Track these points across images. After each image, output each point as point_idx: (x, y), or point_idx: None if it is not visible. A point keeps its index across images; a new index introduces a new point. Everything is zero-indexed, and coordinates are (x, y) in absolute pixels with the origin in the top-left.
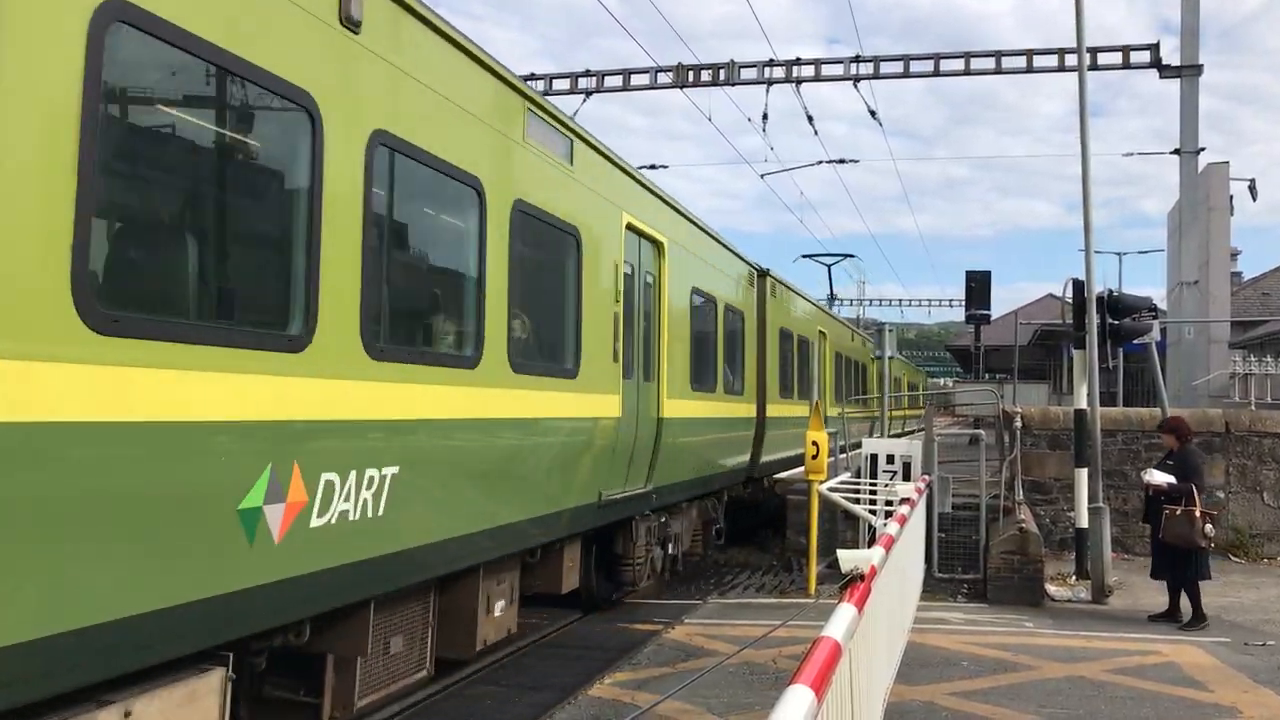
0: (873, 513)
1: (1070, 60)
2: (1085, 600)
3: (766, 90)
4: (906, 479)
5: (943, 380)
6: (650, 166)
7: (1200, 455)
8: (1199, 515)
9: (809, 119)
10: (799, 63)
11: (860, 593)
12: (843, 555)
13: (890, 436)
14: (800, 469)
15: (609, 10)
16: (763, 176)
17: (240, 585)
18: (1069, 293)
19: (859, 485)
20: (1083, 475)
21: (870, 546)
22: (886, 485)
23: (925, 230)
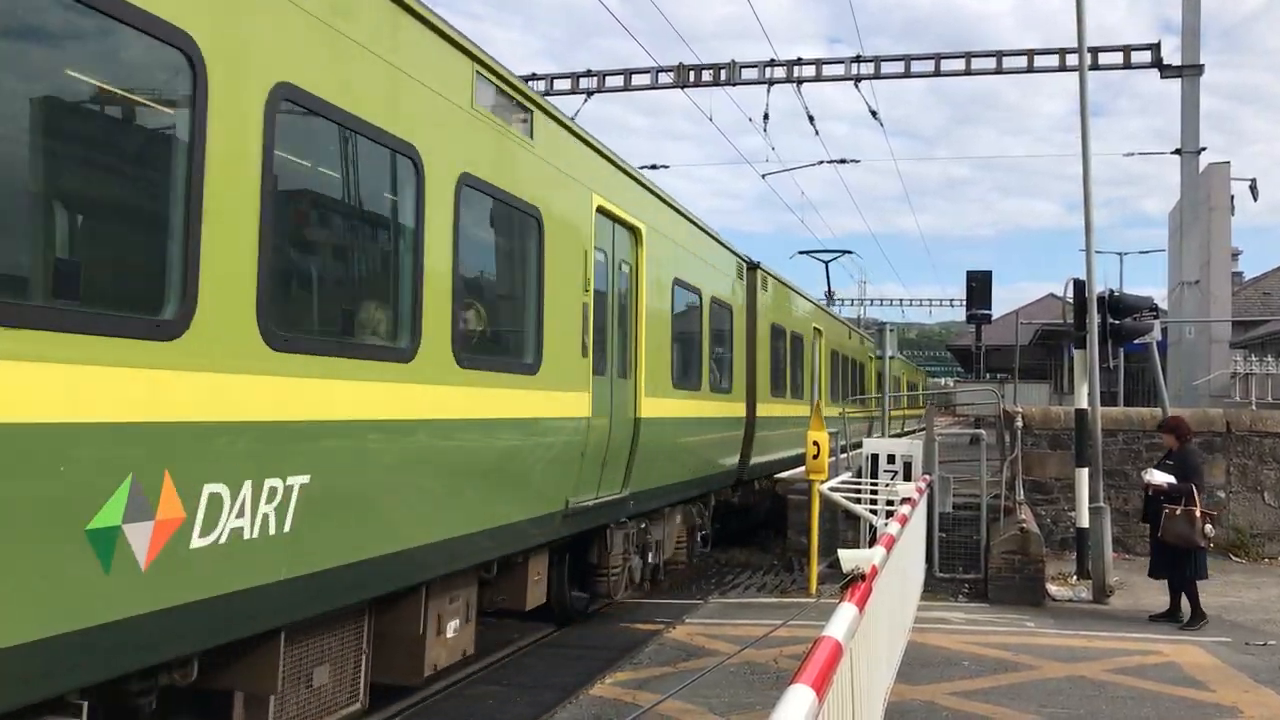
0: (873, 512)
1: (1071, 60)
2: (1086, 600)
3: (767, 90)
4: (907, 479)
5: (943, 380)
6: (651, 166)
7: (1200, 455)
8: (1199, 515)
9: (810, 119)
10: (800, 63)
11: (861, 592)
12: (844, 555)
13: (890, 436)
14: (798, 469)
15: (610, 10)
16: (764, 176)
17: (93, 621)
18: (1070, 292)
19: (860, 485)
20: (1083, 475)
21: (871, 546)
22: (887, 485)
23: (926, 230)
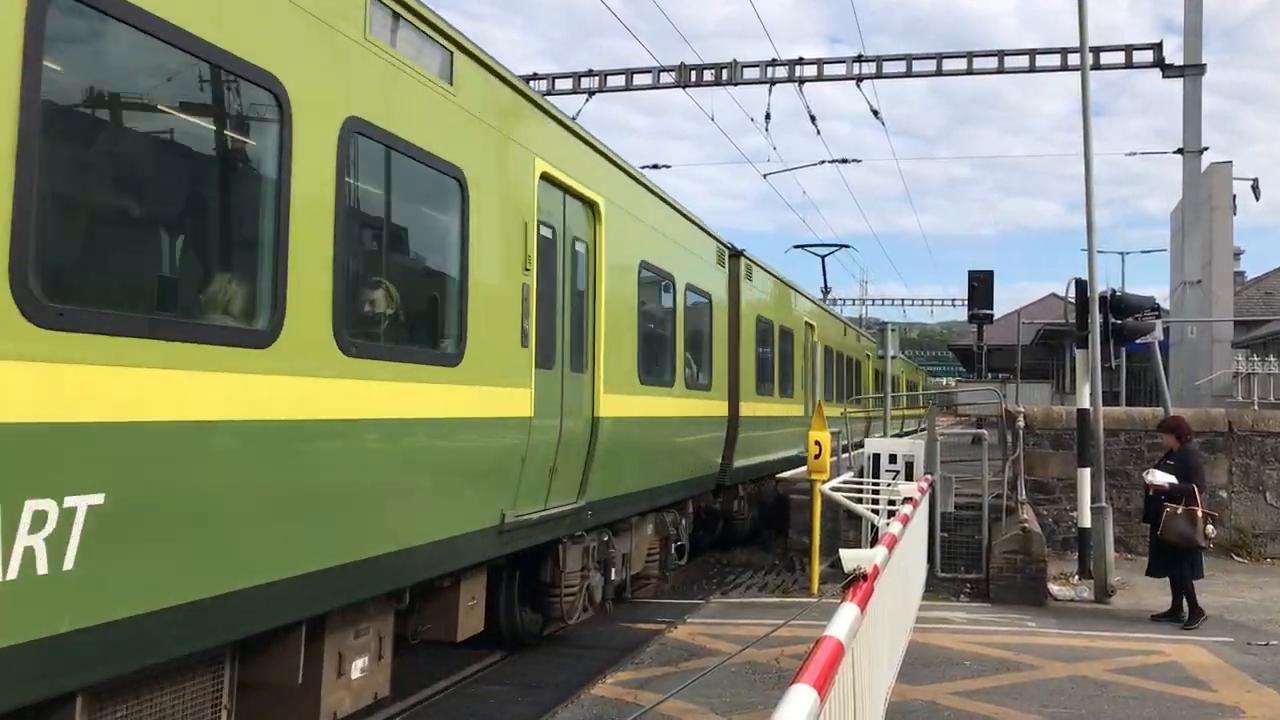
0: (875, 512)
1: (1073, 60)
2: (1088, 600)
3: (769, 90)
4: (909, 479)
5: (945, 380)
6: (653, 166)
7: (1201, 455)
8: (1201, 515)
9: (812, 119)
10: (801, 62)
11: (863, 592)
12: (845, 555)
13: (891, 437)
14: (799, 470)
15: (611, 10)
16: (765, 176)
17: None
18: (1072, 292)
19: (861, 485)
20: (1085, 475)
21: (873, 546)
22: (889, 485)
23: (928, 230)
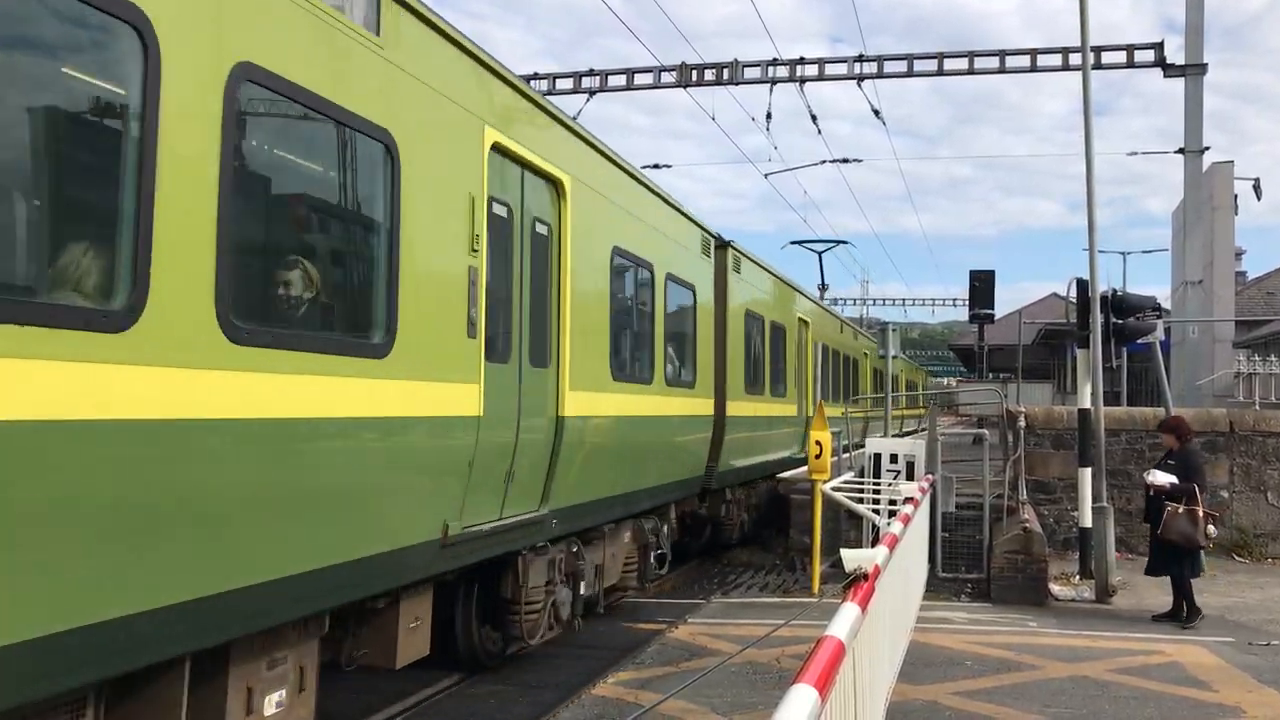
0: (876, 512)
1: (1074, 59)
2: (1089, 600)
3: (770, 89)
4: (910, 478)
5: (946, 379)
6: (654, 166)
7: (1201, 455)
8: (1202, 514)
9: (813, 118)
10: (803, 62)
11: (864, 592)
12: (846, 555)
13: (890, 437)
14: (800, 470)
15: (612, 10)
16: (766, 176)
17: None
18: (1073, 292)
19: (862, 485)
20: (1087, 475)
21: (874, 546)
22: (890, 485)
23: (929, 229)
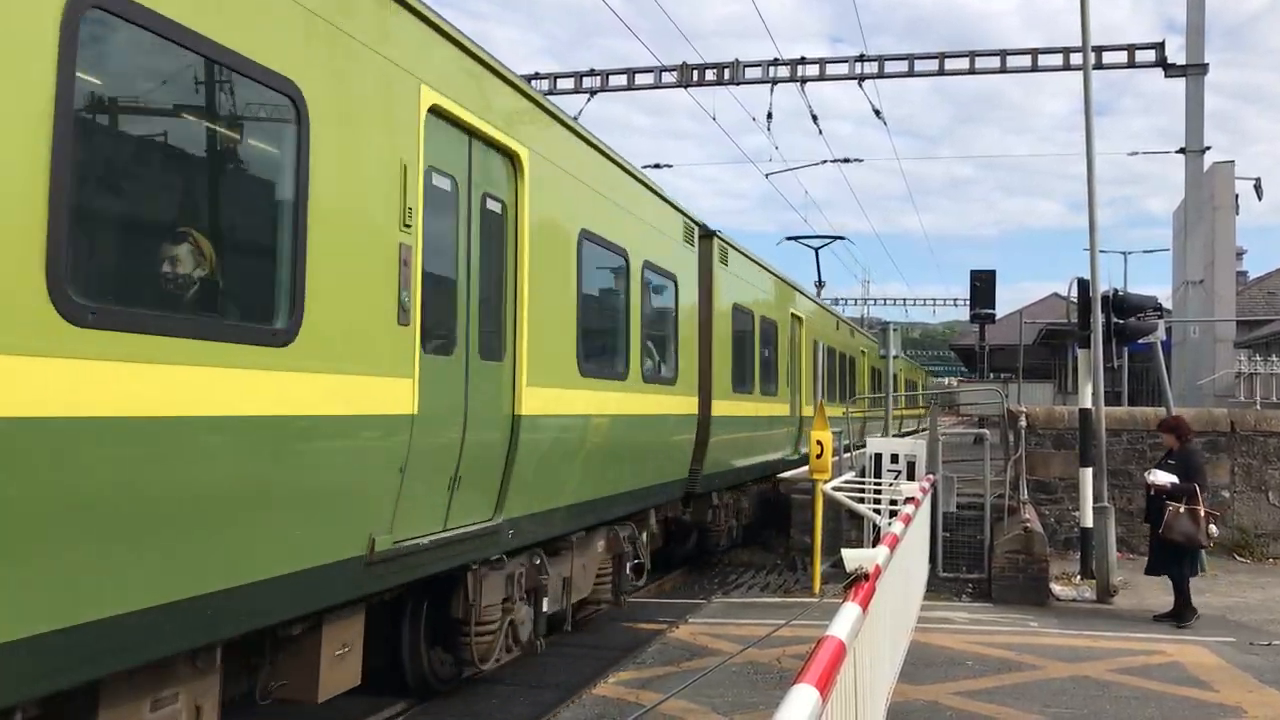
0: (877, 512)
1: (1075, 59)
2: (1090, 600)
3: (771, 89)
4: (911, 478)
5: (947, 379)
6: (655, 166)
7: (1201, 454)
8: (1203, 514)
9: (813, 118)
10: (803, 62)
11: (865, 592)
12: (847, 554)
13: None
14: (800, 469)
15: (613, 10)
16: (767, 176)
17: None
18: (1074, 292)
19: (863, 484)
20: (1088, 474)
21: (875, 546)
22: (891, 485)
23: (930, 229)
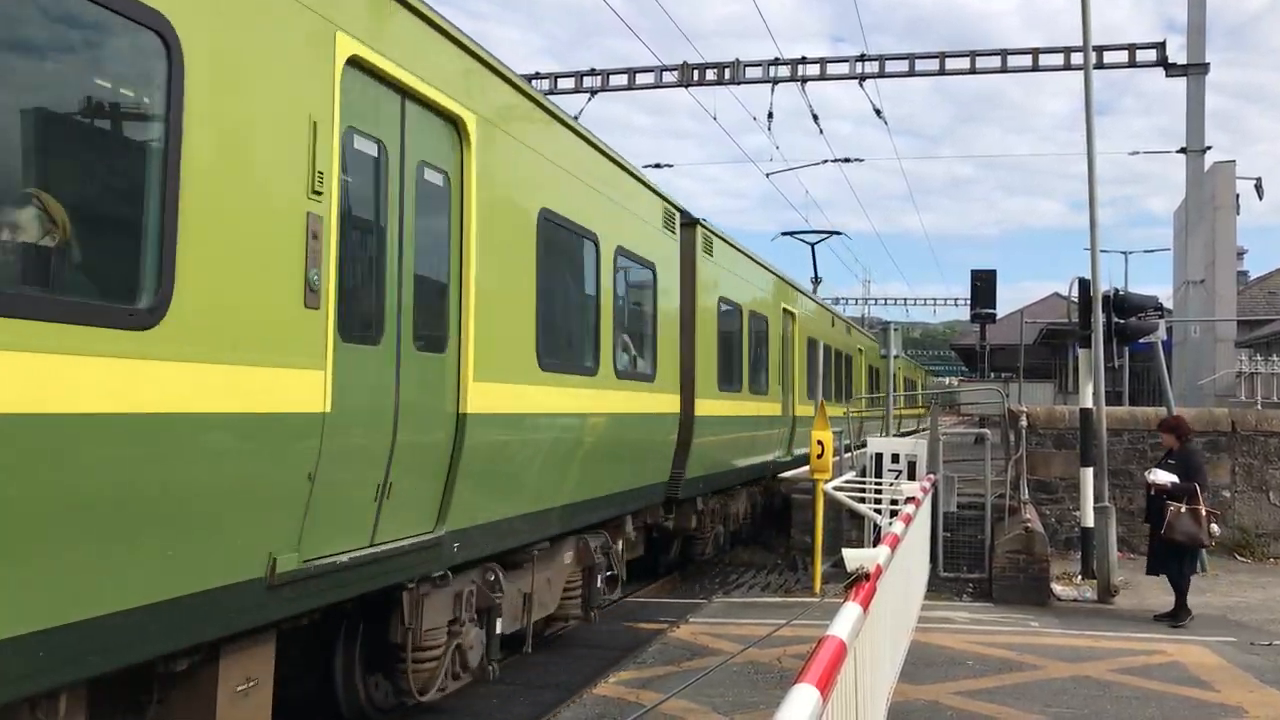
0: (878, 512)
1: (1076, 59)
2: (1091, 600)
3: (772, 89)
4: (912, 478)
5: (948, 379)
6: (656, 165)
7: (1201, 454)
8: (1205, 513)
9: (814, 118)
10: (804, 61)
11: (865, 592)
12: (848, 554)
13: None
14: (801, 469)
15: (614, 9)
16: (768, 176)
17: None
18: (1075, 291)
19: (864, 484)
20: (1088, 474)
21: (875, 546)
22: (891, 484)
23: (930, 229)
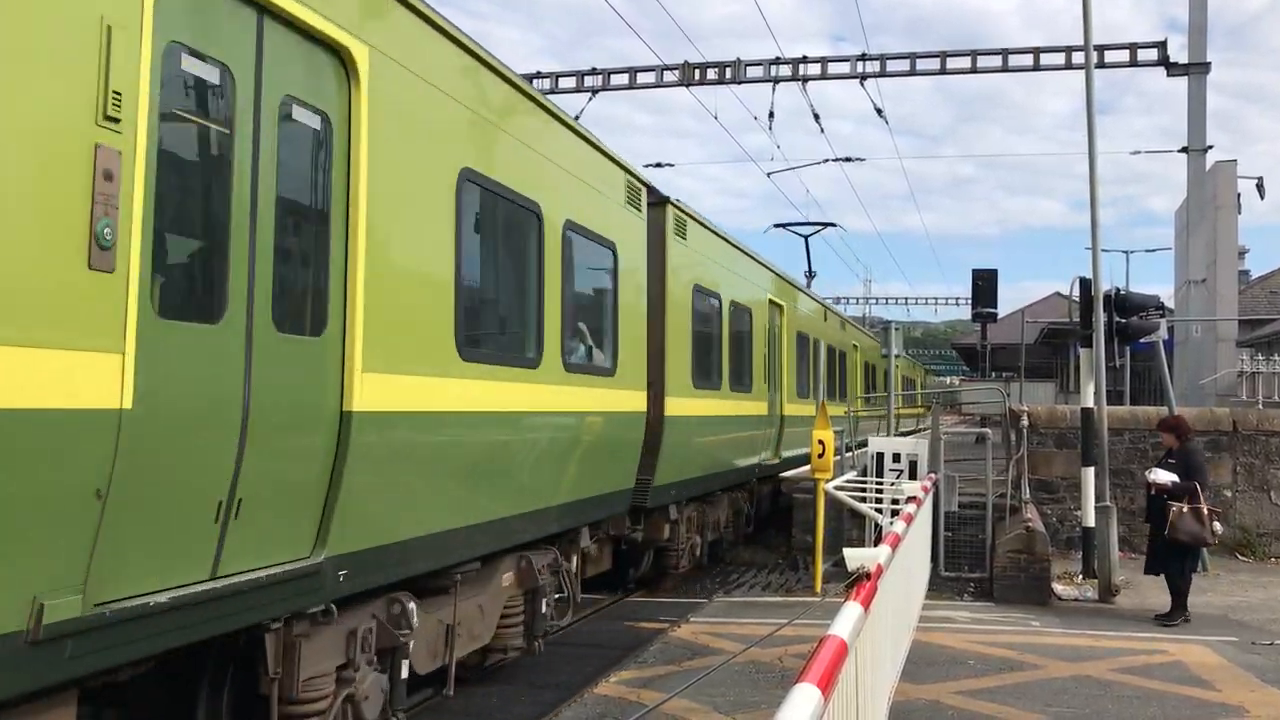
0: (879, 511)
1: (1077, 58)
2: (1092, 599)
3: (773, 88)
4: (913, 478)
5: (949, 378)
6: (656, 165)
7: (1201, 453)
8: (1207, 512)
9: (815, 117)
10: (805, 61)
11: (866, 591)
12: (849, 554)
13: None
14: (803, 468)
15: (614, 9)
16: (769, 175)
17: None
18: (1076, 291)
19: (865, 484)
20: (1090, 474)
21: (876, 545)
22: (892, 484)
23: (932, 228)
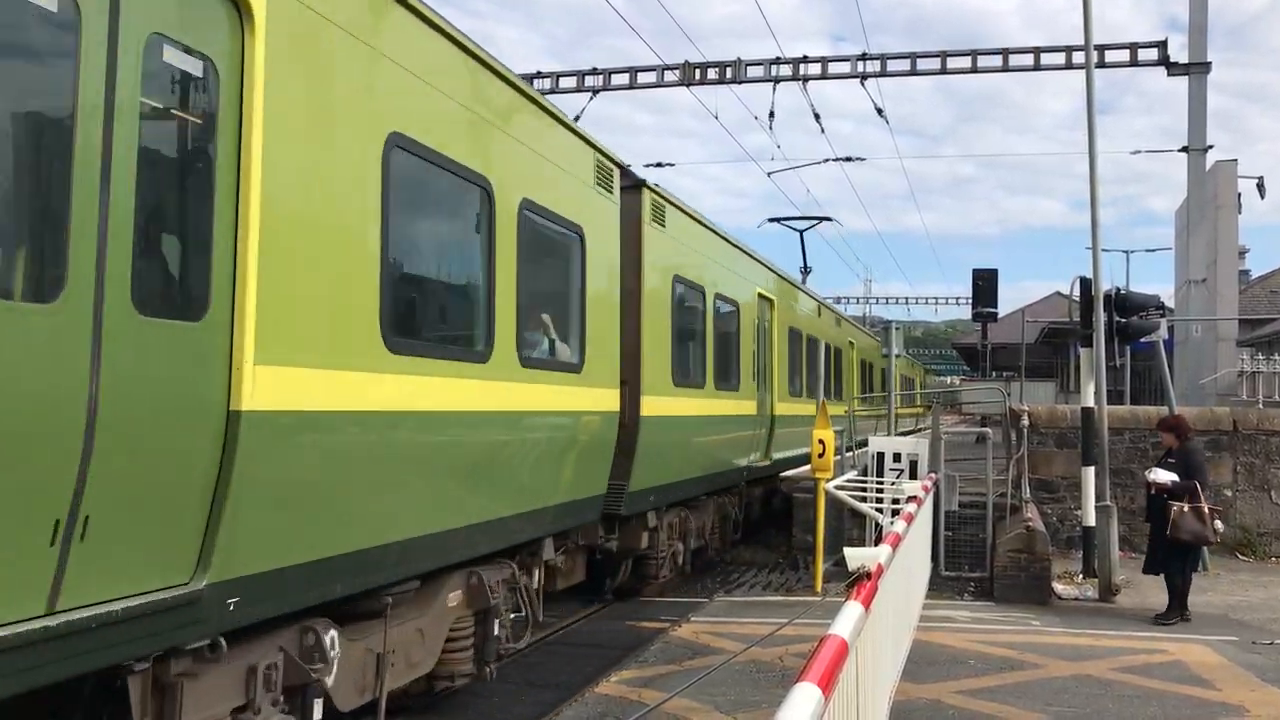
0: (879, 511)
1: (1078, 58)
2: (1092, 599)
3: (773, 88)
4: (913, 477)
5: (949, 378)
6: (657, 164)
7: (1201, 452)
8: (1208, 511)
9: (816, 117)
10: (806, 60)
11: (867, 591)
12: (850, 553)
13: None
14: (800, 469)
15: (615, 8)
16: (769, 175)
17: None
18: (1076, 290)
19: (866, 483)
20: (1090, 473)
21: (877, 545)
22: (893, 483)
23: (932, 228)
